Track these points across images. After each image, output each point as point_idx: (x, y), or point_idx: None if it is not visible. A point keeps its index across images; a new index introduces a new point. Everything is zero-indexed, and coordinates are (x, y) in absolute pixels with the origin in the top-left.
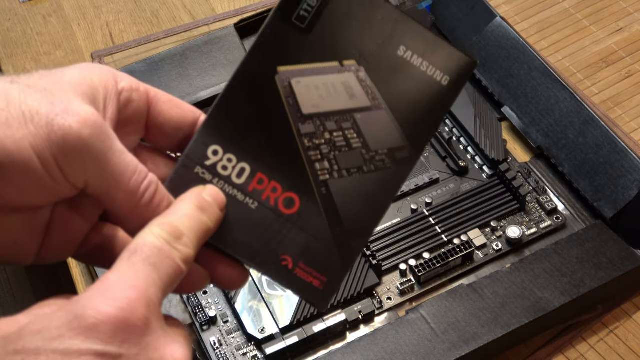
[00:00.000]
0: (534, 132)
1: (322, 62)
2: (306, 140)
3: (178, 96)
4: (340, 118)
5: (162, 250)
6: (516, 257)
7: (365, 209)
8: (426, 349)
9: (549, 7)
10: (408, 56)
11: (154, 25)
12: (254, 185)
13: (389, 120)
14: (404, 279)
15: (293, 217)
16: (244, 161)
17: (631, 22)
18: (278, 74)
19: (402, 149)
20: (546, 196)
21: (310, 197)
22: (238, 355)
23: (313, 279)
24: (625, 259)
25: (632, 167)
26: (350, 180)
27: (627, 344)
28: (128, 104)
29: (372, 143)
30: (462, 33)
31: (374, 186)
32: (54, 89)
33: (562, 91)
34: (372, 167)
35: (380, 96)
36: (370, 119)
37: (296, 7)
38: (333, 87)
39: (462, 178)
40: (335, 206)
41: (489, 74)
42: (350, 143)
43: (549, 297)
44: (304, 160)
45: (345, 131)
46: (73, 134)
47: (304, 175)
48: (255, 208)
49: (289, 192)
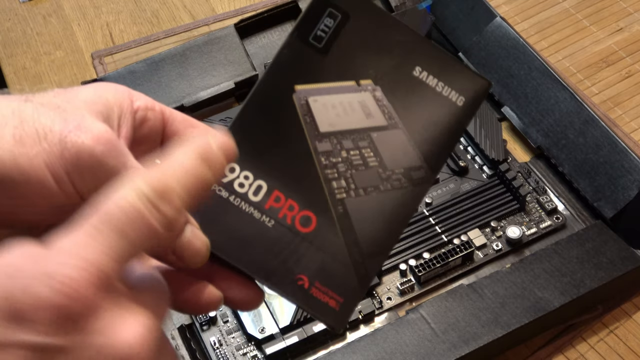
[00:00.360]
0: (534, 132)
1: (339, 82)
2: (323, 159)
3: (178, 96)
4: (356, 137)
5: (138, 212)
6: (516, 257)
7: (382, 228)
8: (426, 349)
9: (549, 7)
10: (424, 77)
11: (154, 25)
12: (271, 203)
13: (405, 140)
14: (404, 279)
15: (309, 236)
16: (261, 179)
17: (631, 22)
18: (295, 92)
19: (419, 169)
20: (546, 196)
21: (326, 215)
22: (238, 355)
23: (329, 299)
24: (625, 259)
25: (632, 167)
26: (366, 199)
27: (627, 344)
28: (144, 122)
29: (389, 162)
30: (462, 33)
31: (390, 205)
32: (67, 107)
33: (562, 91)
34: (389, 186)
35: (397, 116)
36: (387, 138)
37: (313, 27)
38: (350, 106)
39: (462, 178)
40: (351, 225)
41: (489, 74)
42: (367, 162)
43: (549, 297)
44: (320, 179)
45: (362, 150)
46: (86, 151)
47: (320, 194)
48: (271, 226)
49: (306, 211)
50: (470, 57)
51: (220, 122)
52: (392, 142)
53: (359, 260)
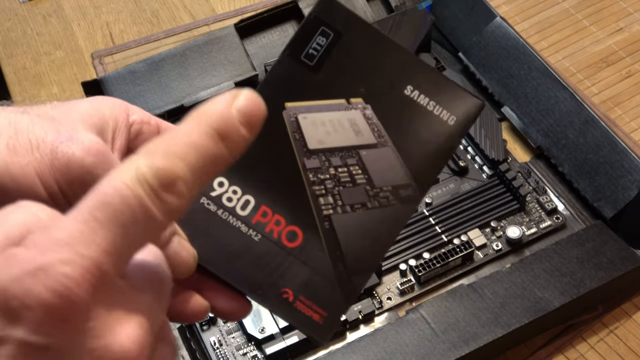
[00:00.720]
0: (534, 132)
1: (329, 99)
2: (311, 175)
3: (178, 96)
4: (345, 154)
5: (141, 204)
6: (516, 257)
7: (368, 245)
8: (426, 349)
9: (549, 7)
10: (415, 95)
11: (154, 25)
12: (258, 218)
13: (394, 158)
14: (404, 279)
15: (295, 251)
16: (249, 194)
17: (631, 22)
18: (285, 109)
19: (407, 187)
20: (546, 196)
21: (313, 231)
22: (238, 355)
23: (313, 312)
24: (625, 259)
25: (632, 167)
26: (353, 216)
27: (627, 344)
28: (138, 135)
29: (377, 180)
30: (462, 33)
31: (377, 223)
32: (62, 118)
33: (562, 91)
34: (376, 203)
35: (387, 134)
36: (376, 156)
37: (306, 45)
38: (339, 124)
39: (462, 178)
40: (337, 241)
41: (489, 74)
42: (355, 179)
43: (549, 297)
44: (308, 195)
45: (350, 167)
46: (76, 161)
47: (307, 210)
48: (258, 240)
49: (293, 226)
50: (470, 57)
51: None
52: (380, 160)
53: (344, 276)
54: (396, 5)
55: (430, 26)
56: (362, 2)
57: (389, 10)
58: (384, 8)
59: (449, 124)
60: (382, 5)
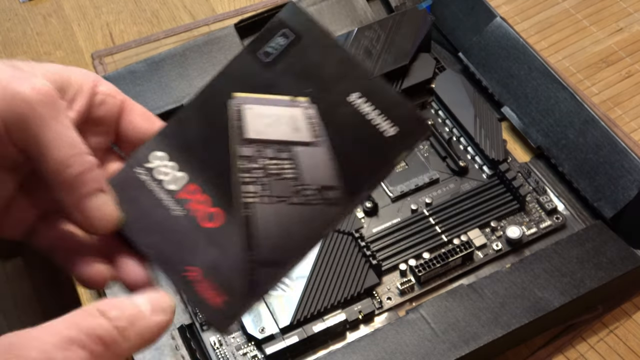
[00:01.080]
0: (534, 132)
1: (277, 95)
2: (242, 162)
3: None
4: (280, 148)
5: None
6: (516, 257)
7: (284, 240)
8: (426, 349)
9: (549, 7)
10: (360, 103)
11: (154, 25)
12: (184, 195)
13: (327, 159)
14: (404, 279)
15: (211, 232)
16: (183, 171)
17: (631, 22)
18: (233, 98)
19: (334, 189)
20: (546, 196)
21: (233, 216)
22: (238, 355)
23: (217, 296)
24: (625, 259)
25: (632, 167)
26: (275, 208)
27: (627, 344)
28: (101, 105)
29: (305, 177)
30: (462, 33)
31: (298, 220)
32: (25, 68)
33: (562, 91)
34: (300, 200)
35: (325, 135)
36: (309, 154)
37: (265, 43)
38: (280, 119)
39: (462, 178)
40: (254, 230)
41: (489, 74)
42: (284, 173)
43: (549, 297)
44: (235, 180)
45: (281, 161)
46: (21, 96)
47: (232, 195)
48: (178, 215)
49: (215, 208)
50: (470, 57)
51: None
52: (313, 159)
53: (253, 266)
54: (396, 5)
55: (430, 26)
56: (362, 2)
57: (389, 10)
58: (384, 8)
59: (388, 138)
60: (382, 5)
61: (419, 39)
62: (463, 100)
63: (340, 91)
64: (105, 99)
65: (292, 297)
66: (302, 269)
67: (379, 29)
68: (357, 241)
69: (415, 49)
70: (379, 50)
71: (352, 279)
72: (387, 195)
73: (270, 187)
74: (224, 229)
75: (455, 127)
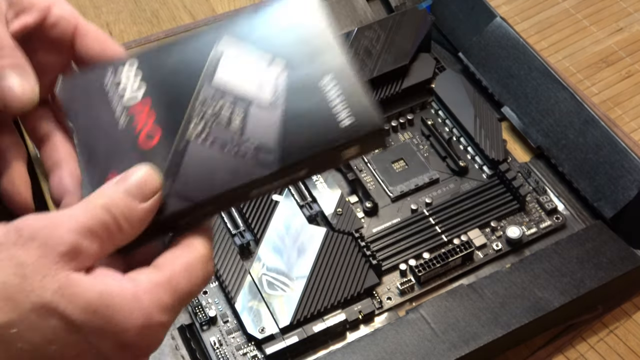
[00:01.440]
0: (534, 132)
1: (261, 50)
2: (199, 101)
3: None
4: (238, 101)
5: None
6: (516, 257)
7: (203, 181)
8: (426, 349)
9: (549, 7)
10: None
11: (154, 25)
12: (137, 108)
13: (275, 124)
14: (404, 279)
15: (144, 150)
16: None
17: (631, 22)
18: (221, 39)
19: (269, 153)
20: (546, 196)
21: (169, 142)
22: (238, 355)
23: None
24: (625, 259)
25: (632, 167)
26: (209, 150)
27: (627, 344)
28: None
29: (248, 133)
30: (462, 33)
31: (224, 168)
32: None
33: (562, 91)
34: (234, 150)
35: (284, 102)
36: (261, 114)
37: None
38: (251, 74)
39: (462, 178)
40: (180, 162)
41: (489, 74)
42: (231, 123)
43: (549, 297)
44: (185, 114)
45: (234, 112)
46: None
47: (177, 124)
48: (120, 125)
49: (157, 129)
50: (470, 57)
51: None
52: (262, 119)
53: (166, 191)
54: (396, 5)
55: (430, 26)
56: (362, 2)
57: (389, 10)
58: (384, 8)
59: (340, 127)
60: (382, 5)
61: (419, 39)
62: (463, 100)
63: (315, 68)
64: (59, 21)
65: (292, 297)
66: (302, 269)
67: (379, 29)
68: (357, 241)
69: (415, 49)
70: (379, 50)
71: (352, 279)
72: (387, 195)
73: (214, 132)
74: (158, 151)
75: (455, 127)
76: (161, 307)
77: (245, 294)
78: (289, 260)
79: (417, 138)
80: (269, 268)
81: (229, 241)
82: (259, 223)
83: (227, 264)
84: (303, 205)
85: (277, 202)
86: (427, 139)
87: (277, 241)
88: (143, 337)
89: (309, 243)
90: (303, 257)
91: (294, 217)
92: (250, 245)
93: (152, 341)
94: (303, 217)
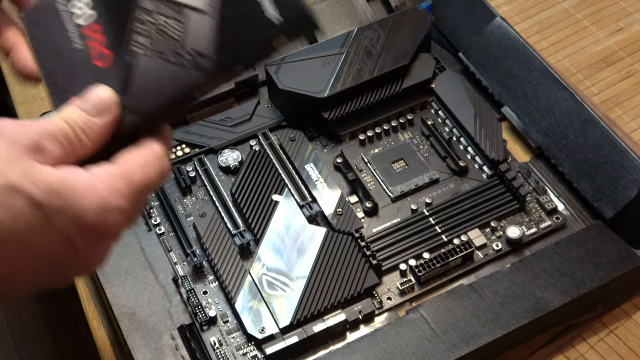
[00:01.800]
0: (534, 132)
1: None
2: (140, 14)
3: None
4: (176, 9)
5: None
6: (516, 257)
7: (152, 92)
8: (426, 349)
9: (549, 7)
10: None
11: None
12: (87, 32)
13: (211, 30)
14: (404, 279)
15: (99, 70)
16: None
17: (631, 22)
18: None
19: (207, 58)
20: (546, 196)
21: (119, 60)
22: (238, 355)
23: None
24: (625, 259)
25: (632, 167)
26: (155, 62)
27: (627, 344)
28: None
29: (187, 41)
30: (462, 33)
31: (170, 78)
32: None
33: (562, 91)
34: (176, 60)
35: (219, 8)
36: (198, 21)
37: None
38: None
39: (462, 178)
40: (131, 76)
41: (489, 74)
42: (171, 32)
43: (549, 297)
44: (129, 29)
45: (173, 21)
46: None
47: (124, 41)
48: (76, 49)
49: (108, 50)
50: (470, 57)
51: (220, 122)
52: (199, 26)
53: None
54: (396, 5)
55: (430, 26)
56: (362, 2)
57: (389, 10)
58: (384, 8)
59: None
60: (382, 5)
61: (419, 39)
62: (463, 100)
63: None
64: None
65: (292, 297)
66: (302, 269)
67: (379, 29)
68: (357, 241)
69: (415, 49)
70: (379, 50)
71: (352, 279)
72: (387, 195)
73: (156, 43)
74: (109, 70)
75: (455, 127)
76: (116, 193)
77: (245, 294)
78: (289, 260)
79: (417, 138)
80: (269, 268)
81: (229, 241)
82: (259, 223)
83: (227, 264)
84: (303, 205)
85: (277, 202)
86: (427, 139)
87: (277, 241)
88: (101, 220)
89: (309, 243)
90: (303, 257)
91: (294, 217)
92: (250, 245)
93: (111, 225)
94: (303, 217)
